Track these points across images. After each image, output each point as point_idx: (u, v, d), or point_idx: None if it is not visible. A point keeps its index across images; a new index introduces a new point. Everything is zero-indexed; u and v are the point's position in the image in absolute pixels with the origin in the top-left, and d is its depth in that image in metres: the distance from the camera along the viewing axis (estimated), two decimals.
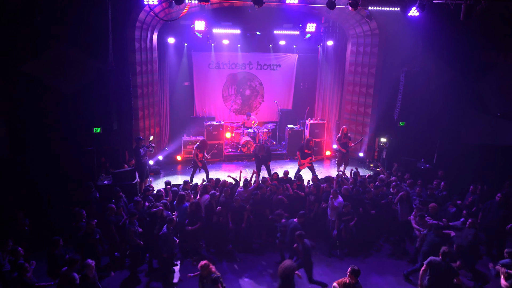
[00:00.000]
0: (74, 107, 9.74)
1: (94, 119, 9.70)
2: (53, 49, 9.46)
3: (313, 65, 15.19)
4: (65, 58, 9.50)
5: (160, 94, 13.04)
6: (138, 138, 10.14)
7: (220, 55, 14.21)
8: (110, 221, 7.55)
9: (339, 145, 11.64)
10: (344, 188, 8.80)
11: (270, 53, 14.56)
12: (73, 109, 9.76)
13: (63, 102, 9.71)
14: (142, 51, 11.27)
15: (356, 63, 13.12)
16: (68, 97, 9.66)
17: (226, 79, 14.63)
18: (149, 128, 12.22)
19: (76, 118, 9.82)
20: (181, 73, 14.00)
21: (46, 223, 8.17)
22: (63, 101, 9.69)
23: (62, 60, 9.51)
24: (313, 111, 15.34)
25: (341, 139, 11.61)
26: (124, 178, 9.32)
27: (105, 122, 9.72)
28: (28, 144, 9.51)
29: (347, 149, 11.52)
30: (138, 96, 11.38)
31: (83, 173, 9.12)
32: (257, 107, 15.26)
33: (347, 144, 11.51)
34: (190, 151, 12.64)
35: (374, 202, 8.64)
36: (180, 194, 8.38)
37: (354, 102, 13.43)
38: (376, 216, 8.48)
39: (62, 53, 9.48)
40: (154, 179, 11.23)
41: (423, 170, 11.05)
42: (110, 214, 7.66)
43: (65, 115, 9.76)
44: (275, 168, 12.36)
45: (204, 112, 14.51)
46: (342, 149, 11.53)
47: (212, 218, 8.12)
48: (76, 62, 9.54)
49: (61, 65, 9.51)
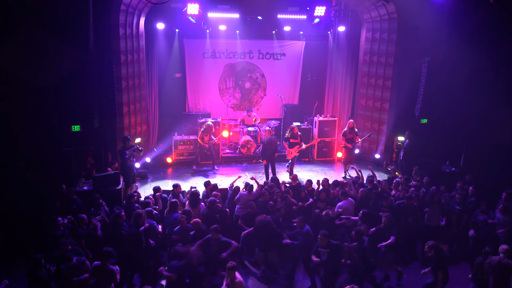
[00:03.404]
0: (49, 102, 9.68)
1: (72, 115, 9.66)
2: (25, 36, 9.37)
3: (322, 54, 15.11)
4: (39, 46, 9.42)
5: (148, 87, 12.99)
6: (125, 137, 10.11)
7: (216, 42, 14.14)
8: (80, 234, 7.47)
9: (344, 141, 11.89)
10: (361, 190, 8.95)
11: (273, 40, 14.50)
12: (48, 104, 9.70)
13: (37, 97, 9.66)
14: (127, 38, 11.21)
15: (371, 51, 13.05)
16: (42, 91, 9.60)
17: (223, 70, 14.56)
18: (135, 125, 12.16)
19: (52, 115, 9.76)
20: (172, 63, 13.94)
21: (18, 236, 8.09)
22: (36, 95, 9.64)
23: (35, 49, 9.43)
24: (322, 106, 15.27)
25: (347, 134, 11.90)
26: (107, 183, 9.26)
27: (84, 119, 9.68)
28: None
29: (353, 145, 11.85)
30: (122, 89, 11.32)
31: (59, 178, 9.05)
32: (258, 102, 15.19)
33: (353, 140, 11.82)
34: (182, 152, 12.66)
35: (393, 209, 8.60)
36: (172, 202, 8.30)
37: (369, 96, 13.36)
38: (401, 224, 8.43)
39: (36, 41, 9.40)
40: (140, 184, 11.17)
41: (448, 174, 10.96)
42: (81, 225, 7.59)
43: (38, 111, 9.71)
44: (279, 172, 12.31)
45: (198, 108, 14.44)
46: (348, 145, 11.82)
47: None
48: (51, 50, 9.46)
49: (34, 54, 9.43)
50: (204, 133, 11.98)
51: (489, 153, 11.25)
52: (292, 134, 11.36)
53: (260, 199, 8.61)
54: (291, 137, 11.37)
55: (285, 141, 11.47)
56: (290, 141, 11.37)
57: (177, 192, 9.00)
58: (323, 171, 12.48)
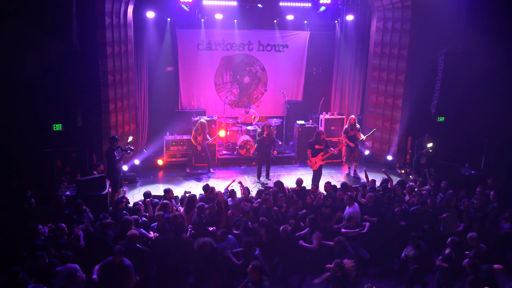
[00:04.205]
0: (27, 99, 9.67)
1: (53, 113, 9.64)
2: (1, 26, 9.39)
3: (329, 46, 15.15)
4: (16, 37, 9.40)
5: (137, 82, 13.03)
6: (112, 137, 10.14)
7: (212, 33, 14.17)
8: (59, 245, 7.49)
9: (346, 139, 12.10)
10: (368, 195, 8.86)
11: (274, 30, 14.53)
12: (26, 101, 9.68)
13: (14, 93, 9.63)
14: (114, 28, 11.23)
15: (383, 43, 13.08)
16: (19, 86, 9.58)
17: (219, 64, 14.60)
18: (122, 124, 12.20)
19: (30, 113, 9.75)
20: (163, 55, 13.98)
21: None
22: (14, 91, 9.62)
23: (11, 40, 9.42)
24: (329, 103, 15.32)
25: (348, 131, 12.07)
26: (92, 188, 9.27)
27: (67, 117, 9.66)
28: None
29: (356, 142, 12.03)
30: (109, 84, 11.34)
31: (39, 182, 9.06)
32: (258, 98, 15.22)
33: (356, 137, 11.98)
34: (174, 154, 12.70)
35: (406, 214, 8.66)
36: (163, 203, 8.38)
37: (381, 92, 13.40)
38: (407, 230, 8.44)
39: (12, 31, 9.40)
40: (129, 189, 11.20)
41: (467, 178, 10.98)
42: (60, 236, 7.61)
43: (15, 109, 9.68)
44: (282, 175, 12.34)
45: (192, 105, 14.48)
46: (350, 143, 11.99)
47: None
48: (29, 42, 9.43)
49: (10, 46, 9.42)
50: (197, 132, 12.03)
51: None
52: (317, 140, 10.85)
53: (264, 205, 8.63)
54: (316, 142, 10.84)
55: (309, 148, 10.92)
56: (315, 147, 10.82)
57: (169, 197, 9.02)
58: (329, 174, 12.50)
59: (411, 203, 9.25)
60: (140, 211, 8.54)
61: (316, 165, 10.92)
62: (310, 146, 10.94)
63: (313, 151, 10.87)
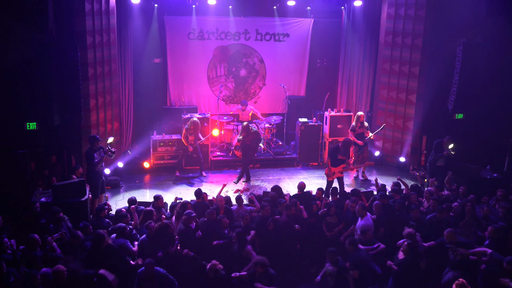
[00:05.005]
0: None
1: (27, 111, 9.61)
2: None
3: (334, 35, 15.14)
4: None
5: (121, 75, 13.00)
6: (93, 137, 10.10)
7: (205, 20, 14.14)
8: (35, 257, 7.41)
9: (353, 137, 12.04)
10: (375, 204, 8.80)
11: (274, 18, 14.51)
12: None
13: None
14: (95, 16, 11.18)
15: (394, 31, 13.06)
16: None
17: (212, 55, 14.57)
18: (104, 123, 12.16)
19: (1, 110, 9.71)
20: (150, 46, 13.95)
21: None
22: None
23: None
24: (334, 98, 15.32)
25: (356, 128, 12.06)
26: (70, 194, 9.21)
27: (42, 115, 9.63)
28: None
29: (364, 141, 12.05)
30: (89, 78, 11.31)
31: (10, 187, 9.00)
32: (256, 93, 15.21)
33: (364, 135, 12.02)
34: (162, 155, 12.69)
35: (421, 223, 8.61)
36: (146, 210, 8.32)
37: (393, 86, 13.39)
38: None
39: None
40: (111, 195, 11.17)
41: (489, 181, 10.97)
42: (33, 247, 7.51)
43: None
44: (283, 179, 12.32)
45: (182, 101, 14.46)
46: (358, 142, 11.99)
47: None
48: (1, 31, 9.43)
49: None
50: (189, 131, 12.00)
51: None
52: (344, 150, 10.71)
53: (260, 213, 8.59)
54: (341, 152, 10.66)
55: (330, 156, 10.85)
56: (337, 157, 10.66)
57: (158, 205, 8.97)
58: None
59: (428, 209, 9.21)
60: (126, 218, 8.46)
61: (333, 176, 10.81)
62: (332, 154, 10.79)
63: (333, 161, 10.74)
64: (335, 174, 10.81)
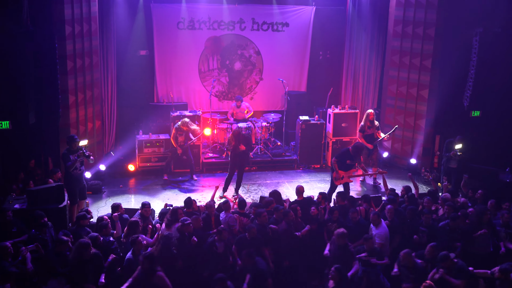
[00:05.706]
0: None
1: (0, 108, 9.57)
2: None
3: (339, 24, 15.14)
4: None
5: (103, 69, 12.98)
6: (70, 137, 10.06)
7: (196, 8, 14.12)
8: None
9: (362, 138, 11.95)
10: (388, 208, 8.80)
11: (272, 5, 14.53)
12: None
13: None
14: (75, 3, 11.15)
15: (404, 20, 13.07)
16: None
17: (204, 46, 14.56)
18: (85, 121, 12.13)
19: None
20: (136, 36, 13.93)
21: None
22: None
23: None
24: (338, 94, 15.33)
25: (365, 129, 11.93)
26: (46, 200, 9.16)
27: (16, 112, 9.58)
28: None
29: (374, 143, 11.95)
30: (68, 72, 11.29)
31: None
32: (252, 88, 15.20)
33: (374, 137, 11.89)
34: (148, 157, 12.66)
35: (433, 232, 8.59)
36: (131, 221, 8.25)
37: (402, 81, 13.40)
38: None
39: None
40: (92, 201, 11.14)
41: (508, 185, 10.99)
42: (4, 257, 7.45)
43: None
44: (282, 183, 12.31)
45: (171, 97, 14.42)
46: (368, 144, 11.83)
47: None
48: None
49: None
50: (178, 131, 11.96)
51: None
52: (356, 154, 10.57)
53: (257, 220, 8.57)
54: (352, 157, 10.56)
55: (337, 159, 10.66)
56: (346, 161, 10.55)
57: (145, 213, 8.90)
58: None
59: (441, 217, 9.20)
60: (107, 228, 8.41)
61: (342, 180, 10.69)
62: (341, 158, 10.65)
63: (341, 165, 10.57)
64: (344, 179, 10.71)
